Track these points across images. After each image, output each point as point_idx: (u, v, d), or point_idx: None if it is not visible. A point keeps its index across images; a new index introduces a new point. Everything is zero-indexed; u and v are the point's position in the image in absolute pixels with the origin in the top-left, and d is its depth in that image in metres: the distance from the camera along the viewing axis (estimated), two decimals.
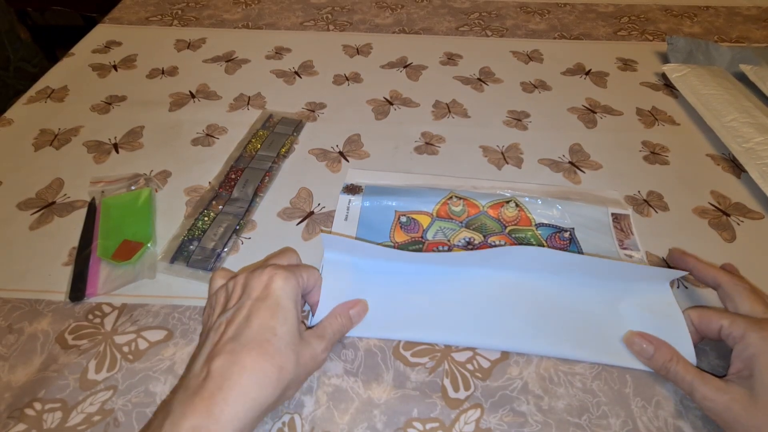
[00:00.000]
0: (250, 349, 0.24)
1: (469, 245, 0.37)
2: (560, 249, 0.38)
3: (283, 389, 0.24)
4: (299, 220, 0.41)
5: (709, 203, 0.43)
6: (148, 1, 0.74)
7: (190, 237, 0.38)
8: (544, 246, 0.38)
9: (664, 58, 0.62)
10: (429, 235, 0.38)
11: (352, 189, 0.42)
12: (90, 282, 0.35)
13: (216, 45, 0.64)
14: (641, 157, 0.47)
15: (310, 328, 0.30)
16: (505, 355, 0.32)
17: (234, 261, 0.37)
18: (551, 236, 0.38)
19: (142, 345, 0.32)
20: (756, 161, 0.44)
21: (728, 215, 0.42)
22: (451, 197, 0.40)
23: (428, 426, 0.28)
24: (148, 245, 0.37)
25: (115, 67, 0.59)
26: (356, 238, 0.38)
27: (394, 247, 0.37)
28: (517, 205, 0.40)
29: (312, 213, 0.41)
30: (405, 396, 0.30)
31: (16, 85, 0.91)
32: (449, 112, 0.53)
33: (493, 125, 0.51)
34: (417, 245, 0.38)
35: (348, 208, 0.40)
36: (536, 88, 0.57)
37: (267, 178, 0.44)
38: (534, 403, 0.29)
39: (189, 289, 0.35)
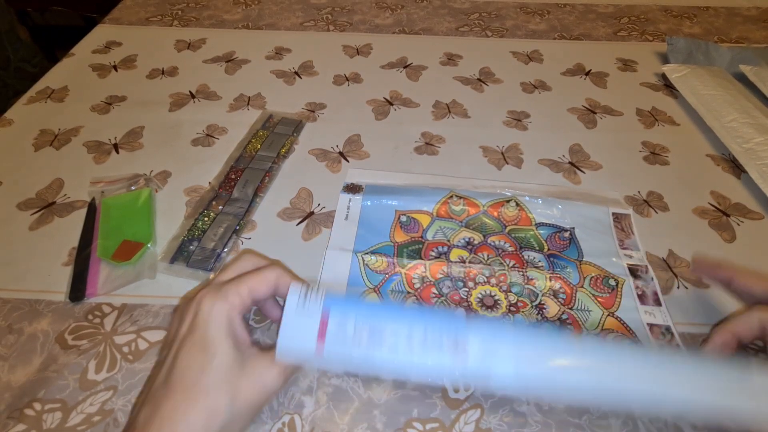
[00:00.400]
0: (172, 394, 0.21)
1: (468, 245, 0.38)
2: (560, 248, 0.37)
3: None
4: (299, 220, 0.41)
5: (709, 203, 0.43)
6: (149, 2, 0.74)
7: (190, 237, 0.38)
8: (543, 246, 0.37)
9: (664, 59, 0.62)
10: (429, 235, 0.38)
11: (352, 188, 0.42)
12: (90, 282, 0.35)
13: (216, 45, 0.64)
14: (641, 158, 0.47)
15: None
16: None
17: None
18: (551, 236, 0.38)
19: (142, 345, 0.32)
20: (756, 161, 0.44)
21: (728, 215, 0.42)
22: (451, 196, 0.40)
23: (428, 426, 0.28)
24: (148, 245, 0.37)
25: (115, 68, 0.59)
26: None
27: (393, 247, 0.37)
28: (517, 205, 0.40)
29: (312, 213, 0.41)
30: (405, 396, 0.30)
31: (16, 86, 0.91)
32: (449, 112, 0.53)
33: (493, 125, 0.51)
34: (417, 245, 0.37)
35: (348, 207, 0.40)
36: (536, 88, 0.57)
37: (267, 178, 0.44)
38: (534, 403, 0.29)
39: (189, 289, 0.35)
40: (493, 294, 0.34)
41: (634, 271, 0.36)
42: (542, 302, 0.34)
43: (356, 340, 0.23)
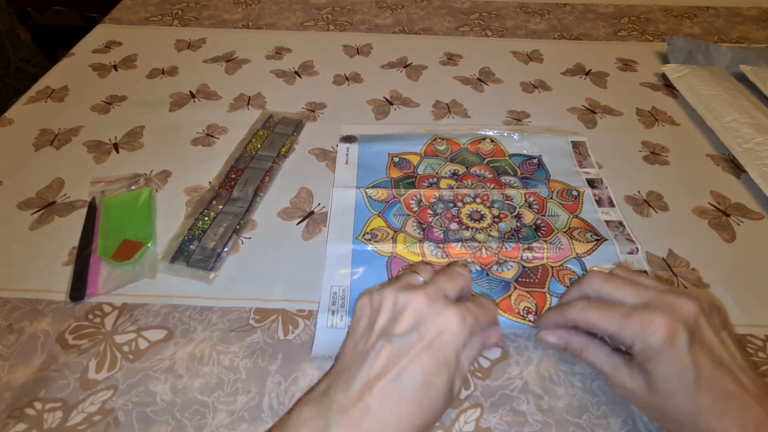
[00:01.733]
0: (408, 401, 0.23)
1: (454, 175, 0.44)
2: (530, 172, 0.45)
3: None
4: (299, 219, 0.41)
5: (709, 203, 0.43)
6: (149, 1, 0.74)
7: (190, 237, 0.38)
8: (517, 171, 0.45)
9: (664, 59, 0.62)
10: (420, 170, 0.44)
11: (348, 138, 0.48)
12: (90, 282, 0.35)
13: (216, 45, 0.64)
14: (641, 158, 0.47)
15: None
16: (505, 354, 0.32)
17: (234, 261, 0.37)
18: (522, 163, 0.45)
19: (143, 344, 0.32)
20: (756, 161, 0.44)
21: (728, 215, 0.42)
22: (435, 139, 0.47)
23: None
24: (149, 245, 0.37)
25: (115, 67, 0.59)
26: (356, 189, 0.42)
27: (390, 182, 0.43)
28: (492, 141, 0.47)
29: (312, 213, 0.41)
30: None
31: (16, 85, 0.91)
32: (449, 112, 0.53)
33: (494, 125, 0.51)
34: (410, 179, 0.43)
35: (347, 154, 0.46)
36: (536, 88, 0.57)
37: (267, 177, 0.44)
38: (534, 402, 0.29)
39: (189, 288, 0.35)
40: (479, 210, 0.40)
41: (591, 183, 0.43)
42: (520, 213, 0.40)
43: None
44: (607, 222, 0.40)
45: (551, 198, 0.41)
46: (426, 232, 0.38)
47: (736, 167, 0.46)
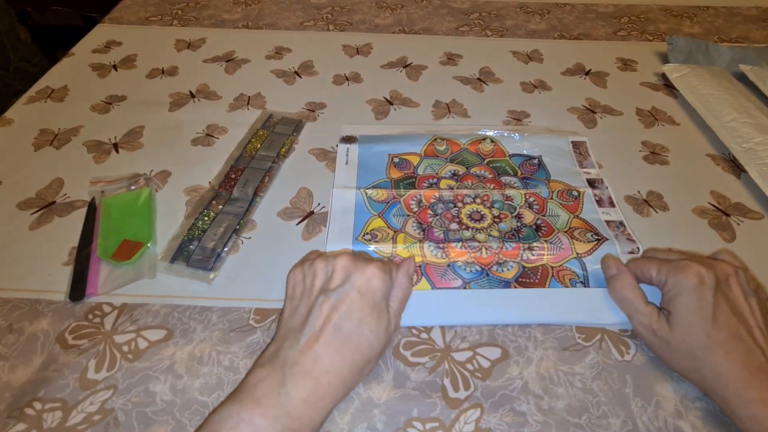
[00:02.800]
0: (349, 342, 0.27)
1: (454, 176, 0.44)
2: (531, 172, 0.44)
3: (364, 375, 0.29)
4: (299, 219, 0.41)
5: (709, 203, 0.43)
6: (148, 1, 0.74)
7: (190, 237, 0.38)
8: (517, 171, 0.45)
9: (664, 59, 0.62)
10: (420, 171, 0.44)
11: (348, 139, 0.47)
12: (90, 282, 0.35)
13: (216, 45, 0.64)
14: (641, 157, 0.47)
15: None
16: (505, 354, 0.32)
17: (234, 261, 0.37)
18: (522, 163, 0.45)
19: (142, 344, 0.32)
20: (756, 161, 0.44)
21: (728, 215, 0.42)
22: (435, 139, 0.47)
23: (428, 426, 0.28)
24: (148, 245, 0.37)
25: (115, 67, 0.59)
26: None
27: (390, 182, 0.43)
28: (492, 141, 0.47)
29: (312, 213, 0.41)
30: (405, 396, 0.30)
31: (16, 85, 0.91)
32: (449, 112, 0.53)
33: (494, 125, 0.51)
34: (410, 179, 0.43)
35: (347, 154, 0.46)
36: (536, 88, 0.57)
37: (267, 177, 0.44)
38: (534, 402, 0.29)
39: (189, 288, 0.35)
40: (479, 210, 0.40)
41: (591, 183, 0.43)
42: (520, 213, 0.40)
43: None
44: (608, 222, 0.40)
45: (551, 198, 0.41)
46: (426, 232, 0.38)
47: (736, 167, 0.46)
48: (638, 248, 0.37)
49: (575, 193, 0.42)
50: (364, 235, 0.38)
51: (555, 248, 0.37)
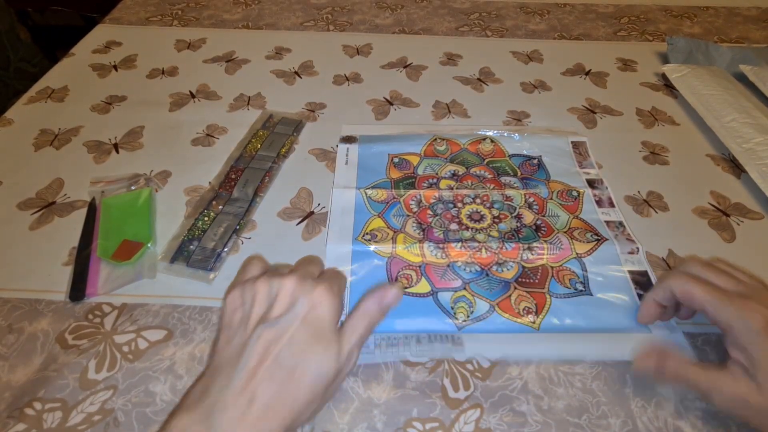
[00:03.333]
0: (291, 376, 0.24)
1: (454, 176, 0.44)
2: (530, 172, 0.44)
3: (313, 411, 0.25)
4: (299, 220, 0.41)
5: (709, 203, 0.43)
6: (149, 2, 0.74)
7: (190, 237, 0.38)
8: (517, 171, 0.44)
9: (664, 59, 0.62)
10: (419, 171, 0.44)
11: (348, 139, 0.48)
12: (90, 282, 0.35)
13: (216, 45, 0.64)
14: (641, 158, 0.47)
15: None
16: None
17: (234, 261, 0.37)
18: (522, 163, 0.45)
19: (142, 345, 0.32)
20: (756, 161, 0.44)
21: (728, 215, 0.42)
22: (435, 139, 0.47)
23: (428, 426, 0.28)
24: (148, 245, 0.37)
25: (115, 67, 0.59)
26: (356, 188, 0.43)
27: (390, 182, 0.43)
28: (492, 141, 0.47)
29: (312, 213, 0.41)
30: (405, 396, 0.30)
31: (16, 86, 0.91)
32: (449, 112, 0.53)
33: (494, 125, 0.51)
34: (410, 179, 0.43)
35: (347, 154, 0.46)
36: (536, 88, 0.57)
37: (267, 178, 0.44)
38: (534, 403, 0.29)
39: (189, 289, 0.35)
40: (479, 210, 0.40)
41: (591, 183, 0.43)
42: (520, 213, 0.40)
43: (379, 349, 0.32)
44: (607, 222, 0.40)
45: (551, 198, 0.41)
46: (426, 232, 0.38)
47: (736, 167, 0.46)
48: (638, 248, 0.37)
49: (575, 194, 0.42)
50: (363, 235, 0.38)
51: (555, 248, 0.37)
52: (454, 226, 0.39)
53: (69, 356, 0.31)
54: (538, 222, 0.39)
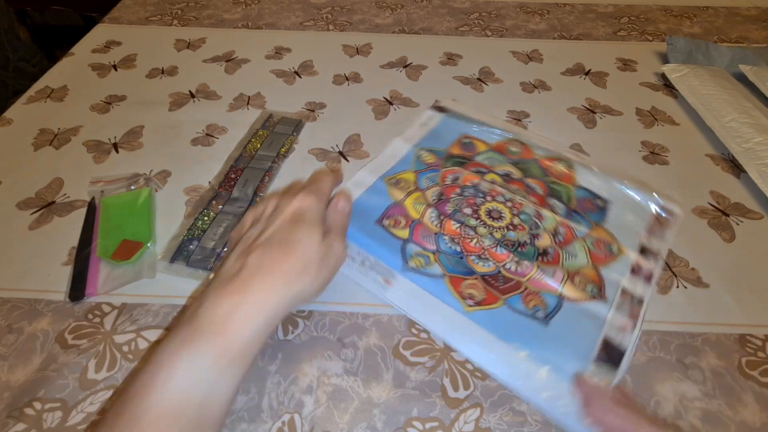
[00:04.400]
0: (281, 247, 0.27)
1: (506, 176, 0.43)
2: (586, 210, 0.40)
3: (307, 283, 0.27)
4: None
5: (709, 203, 0.43)
6: (148, 1, 0.74)
7: (189, 237, 0.38)
8: (572, 202, 0.40)
9: (664, 59, 0.62)
10: (478, 158, 0.44)
11: (439, 108, 0.50)
12: (90, 281, 0.35)
13: (216, 45, 0.64)
14: (641, 157, 0.47)
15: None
16: None
17: None
18: (583, 199, 0.41)
19: (142, 344, 0.32)
20: (755, 161, 0.44)
21: (727, 215, 0.42)
22: (512, 140, 0.46)
23: (428, 425, 0.28)
24: (148, 245, 0.37)
25: (114, 67, 0.59)
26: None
27: (445, 154, 0.44)
28: (569, 167, 0.43)
29: None
30: (405, 395, 0.30)
31: (15, 85, 0.91)
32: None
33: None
34: (464, 159, 0.44)
35: (429, 120, 0.48)
36: (536, 88, 0.57)
37: (267, 177, 0.44)
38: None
39: (189, 288, 0.35)
40: (501, 212, 0.39)
41: (644, 251, 0.37)
42: (539, 233, 0.38)
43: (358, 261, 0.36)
44: (624, 290, 0.34)
45: (584, 239, 0.37)
46: (439, 203, 0.40)
47: (735, 167, 0.46)
48: (634, 329, 0.31)
49: (614, 249, 0.36)
50: (390, 178, 0.41)
51: (543, 276, 0.34)
52: (467, 210, 0.39)
53: (69, 356, 0.31)
54: (550, 250, 0.36)
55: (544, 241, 0.37)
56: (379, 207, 0.39)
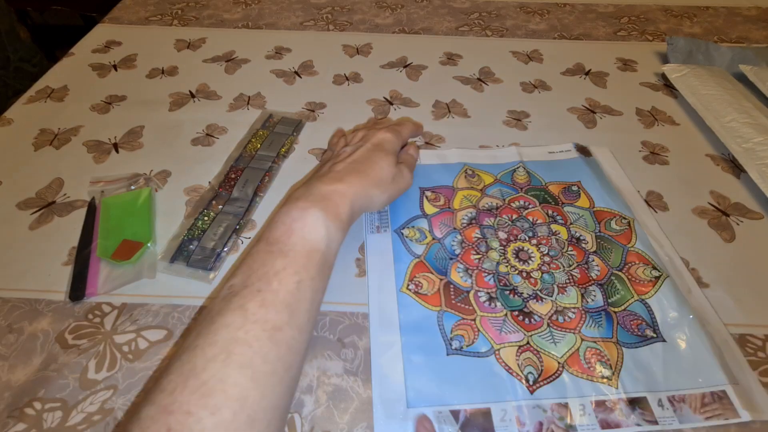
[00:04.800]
0: (364, 163, 0.35)
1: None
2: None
3: (378, 194, 0.35)
4: None
5: (709, 203, 0.43)
6: (148, 1, 0.74)
7: (189, 237, 0.38)
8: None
9: (664, 59, 0.62)
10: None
11: (582, 150, 0.47)
12: (90, 281, 0.35)
13: (216, 45, 0.64)
14: (641, 158, 0.47)
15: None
16: None
17: (234, 260, 0.37)
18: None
19: (142, 344, 0.32)
20: (755, 161, 0.44)
21: (728, 215, 0.42)
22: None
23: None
24: (148, 245, 0.37)
25: (115, 67, 0.59)
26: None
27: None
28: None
29: None
30: None
31: (15, 85, 0.91)
32: (449, 112, 0.53)
33: (493, 125, 0.51)
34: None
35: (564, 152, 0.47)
36: (536, 88, 0.57)
37: (267, 177, 0.44)
38: None
39: (189, 288, 0.35)
40: (529, 252, 0.37)
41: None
42: (543, 298, 0.34)
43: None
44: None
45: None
46: (482, 216, 0.40)
47: (735, 167, 0.46)
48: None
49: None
50: (408, 285, 0.35)
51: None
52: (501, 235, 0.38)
53: (69, 356, 0.31)
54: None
55: (543, 307, 0.34)
56: (436, 181, 0.42)
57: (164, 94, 0.55)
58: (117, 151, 0.47)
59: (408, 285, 0.35)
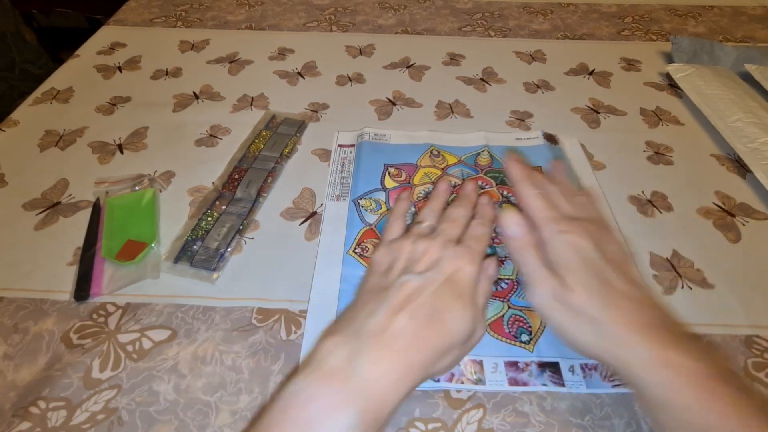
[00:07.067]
0: (431, 319, 0.25)
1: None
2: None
3: (446, 366, 0.26)
4: (302, 220, 0.41)
5: (714, 203, 0.42)
6: (153, 3, 0.74)
7: (193, 237, 0.38)
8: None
9: (668, 58, 0.62)
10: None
11: (549, 137, 0.48)
12: (94, 282, 0.35)
13: (219, 46, 0.64)
14: (645, 158, 0.47)
15: None
16: None
17: (237, 261, 0.37)
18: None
19: (146, 344, 0.32)
20: (761, 161, 0.44)
21: (733, 216, 0.41)
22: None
23: (430, 426, 0.28)
24: (152, 245, 0.37)
25: (119, 69, 0.59)
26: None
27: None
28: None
29: (315, 213, 0.41)
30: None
31: (21, 87, 0.92)
32: (452, 112, 0.53)
33: (496, 125, 0.51)
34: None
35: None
36: (539, 88, 0.57)
37: (270, 178, 0.44)
38: (537, 403, 0.29)
39: (192, 288, 0.35)
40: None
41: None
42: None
43: None
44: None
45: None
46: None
47: (741, 167, 0.46)
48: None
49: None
50: (354, 249, 0.37)
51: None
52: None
53: (73, 355, 0.31)
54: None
55: None
56: (402, 158, 0.43)
57: (168, 95, 0.55)
58: (121, 152, 0.47)
59: (355, 248, 0.37)
